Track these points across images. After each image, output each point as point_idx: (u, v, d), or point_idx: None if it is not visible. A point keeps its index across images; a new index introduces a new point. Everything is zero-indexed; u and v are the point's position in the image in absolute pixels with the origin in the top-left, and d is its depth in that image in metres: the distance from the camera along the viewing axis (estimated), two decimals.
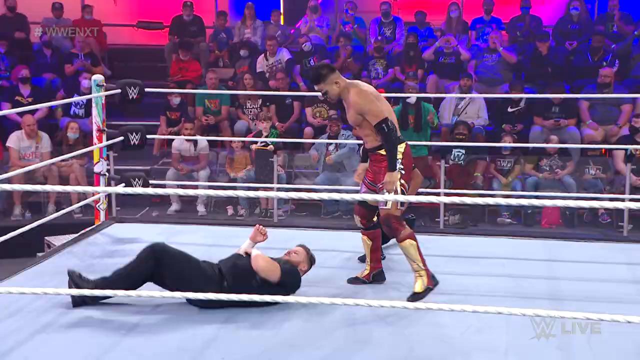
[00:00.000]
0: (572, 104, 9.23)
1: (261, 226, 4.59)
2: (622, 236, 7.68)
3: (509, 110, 9.38)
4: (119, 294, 3.75)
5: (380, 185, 4.52)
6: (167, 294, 3.99)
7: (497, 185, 8.79)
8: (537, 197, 7.71)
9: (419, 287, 4.51)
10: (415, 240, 4.55)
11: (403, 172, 4.49)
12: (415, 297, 4.44)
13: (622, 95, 8.96)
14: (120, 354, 3.89)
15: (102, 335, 4.11)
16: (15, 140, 9.17)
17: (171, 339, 4.01)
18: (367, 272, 4.82)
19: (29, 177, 8.55)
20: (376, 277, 4.81)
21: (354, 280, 4.81)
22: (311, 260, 4.62)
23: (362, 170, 4.83)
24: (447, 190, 7.99)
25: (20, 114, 9.27)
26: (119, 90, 6.18)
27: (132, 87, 6.16)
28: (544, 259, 5.64)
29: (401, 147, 4.49)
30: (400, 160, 4.46)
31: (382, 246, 5.01)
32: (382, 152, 4.50)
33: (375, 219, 4.77)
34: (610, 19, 10.75)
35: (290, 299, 3.79)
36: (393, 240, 4.78)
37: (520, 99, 9.24)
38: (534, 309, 3.22)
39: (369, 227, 4.78)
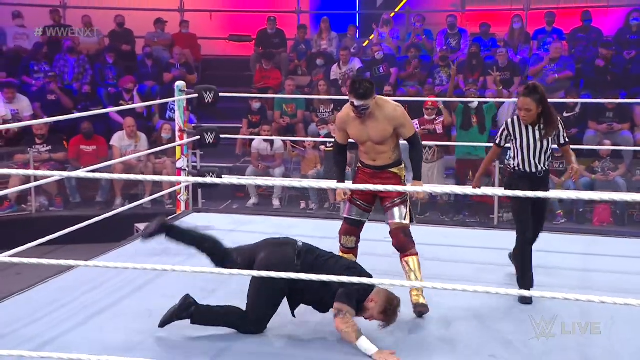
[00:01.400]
0: (626, 109, 8.95)
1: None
2: None
3: (565, 115, 9.16)
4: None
5: (389, 205, 4.25)
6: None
7: (551, 185, 8.58)
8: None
9: (422, 299, 4.20)
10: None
11: None
12: (424, 307, 4.17)
13: None
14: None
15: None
16: (117, 139, 9.56)
17: None
18: None
19: (128, 173, 8.91)
20: None
21: None
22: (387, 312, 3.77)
23: (343, 190, 4.36)
24: (501, 190, 7.87)
25: (123, 116, 9.69)
26: (196, 95, 6.39)
27: (208, 92, 6.35)
28: (586, 253, 5.56)
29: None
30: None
31: None
32: (393, 170, 4.30)
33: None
34: None
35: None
36: None
37: (576, 104, 9.02)
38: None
39: (356, 247, 4.46)
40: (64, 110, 10.03)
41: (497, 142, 4.60)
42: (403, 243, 4.23)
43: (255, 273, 3.44)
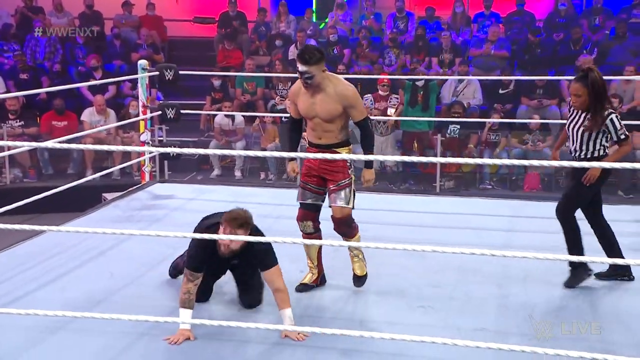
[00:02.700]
0: (555, 86, 9.08)
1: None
2: None
3: (500, 92, 9.27)
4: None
5: (334, 187, 3.85)
6: None
7: (488, 155, 8.72)
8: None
9: (363, 270, 4.01)
10: None
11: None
12: (361, 279, 4.01)
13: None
14: None
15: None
16: (88, 115, 9.40)
17: None
18: (315, 276, 4.06)
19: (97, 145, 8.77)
20: (322, 280, 4.11)
21: (303, 287, 4.03)
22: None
23: (292, 167, 4.12)
24: (443, 159, 7.96)
25: (93, 93, 9.52)
26: (157, 73, 6.31)
27: (168, 70, 6.28)
28: (514, 215, 5.68)
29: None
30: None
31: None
32: (339, 150, 3.85)
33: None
34: (594, 12, 10.51)
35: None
36: None
37: (510, 82, 9.13)
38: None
39: (318, 231, 4.01)
40: (36, 88, 9.82)
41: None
42: (347, 231, 3.91)
43: (198, 235, 3.44)
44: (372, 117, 8.61)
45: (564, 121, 4.26)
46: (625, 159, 7.55)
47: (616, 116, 3.98)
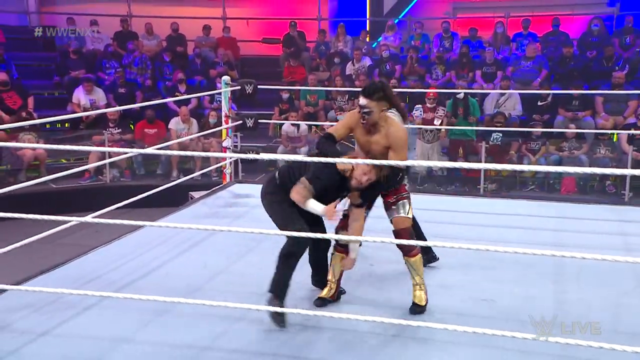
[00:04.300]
0: (589, 99, 8.77)
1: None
2: (624, 201, 7.29)
3: (539, 104, 9.01)
4: None
5: (393, 201, 3.56)
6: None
7: (527, 161, 8.49)
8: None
9: (421, 299, 3.55)
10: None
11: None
12: (419, 308, 3.53)
13: (629, 92, 8.45)
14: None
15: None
16: (174, 123, 9.54)
17: None
18: (333, 291, 3.67)
19: (182, 150, 8.88)
20: (338, 296, 3.70)
21: (321, 302, 3.63)
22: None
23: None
24: (487, 165, 7.78)
25: (178, 105, 9.66)
26: (239, 87, 6.33)
27: (249, 85, 6.29)
28: (557, 216, 5.49)
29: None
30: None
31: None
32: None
33: None
34: (625, 32, 10.11)
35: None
36: None
37: (548, 94, 8.87)
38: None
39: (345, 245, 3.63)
40: (131, 100, 10.04)
41: None
42: (406, 246, 3.48)
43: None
44: (420, 126, 8.62)
45: (598, 131, 4.11)
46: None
47: None
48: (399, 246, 3.52)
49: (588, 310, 3.51)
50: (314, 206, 3.28)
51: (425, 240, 4.04)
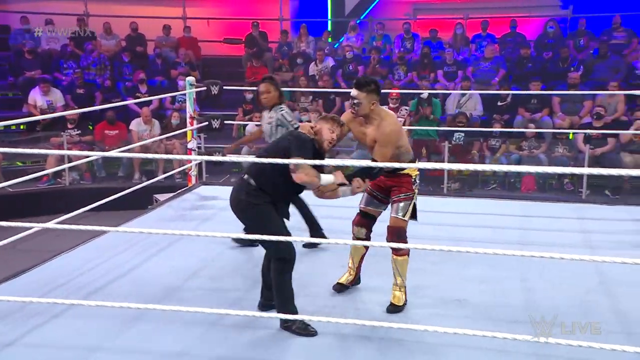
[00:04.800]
0: (546, 99, 9.01)
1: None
2: (581, 199, 7.52)
3: (499, 104, 9.20)
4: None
5: (396, 199, 3.60)
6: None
7: (488, 160, 8.65)
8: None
9: (399, 300, 3.61)
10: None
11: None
12: (395, 308, 3.58)
13: (585, 92, 8.72)
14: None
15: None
16: (136, 125, 9.36)
17: None
18: (352, 277, 3.87)
19: (144, 152, 8.72)
20: (357, 281, 3.91)
21: (340, 287, 3.84)
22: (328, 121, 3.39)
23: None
24: (450, 165, 7.89)
25: (140, 106, 9.49)
26: (204, 88, 6.27)
27: (214, 86, 6.24)
28: (519, 214, 5.62)
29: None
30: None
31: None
32: (404, 171, 3.59)
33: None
34: (578, 35, 10.42)
35: None
36: None
37: (507, 95, 9.06)
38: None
39: (368, 239, 3.76)
40: (90, 101, 9.82)
41: None
42: (394, 245, 3.51)
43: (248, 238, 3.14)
44: None
45: (555, 130, 4.24)
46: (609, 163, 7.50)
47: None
48: (390, 242, 3.56)
49: (556, 308, 3.60)
50: (327, 179, 3.25)
51: (315, 221, 4.52)
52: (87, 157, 6.77)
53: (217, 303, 3.51)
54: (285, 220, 3.37)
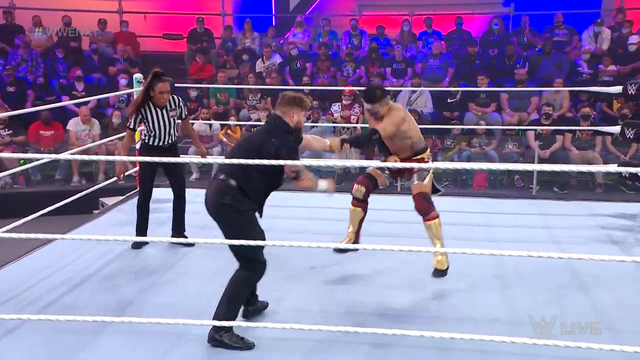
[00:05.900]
0: (495, 96, 9.22)
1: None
2: (532, 195, 7.73)
3: (449, 101, 9.35)
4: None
5: (415, 171, 3.84)
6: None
7: (441, 157, 8.75)
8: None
9: (443, 264, 3.78)
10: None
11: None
12: (440, 273, 3.78)
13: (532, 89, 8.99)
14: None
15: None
16: (73, 124, 8.95)
17: None
18: (352, 241, 4.00)
19: (83, 153, 8.35)
20: (356, 242, 4.05)
21: (340, 250, 3.96)
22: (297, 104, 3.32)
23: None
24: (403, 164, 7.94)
25: (77, 105, 9.07)
26: None
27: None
28: (480, 211, 5.71)
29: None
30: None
31: None
32: (418, 157, 3.92)
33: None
34: (522, 32, 10.74)
35: None
36: None
37: (457, 91, 9.22)
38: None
39: (365, 202, 3.97)
40: (22, 99, 9.32)
41: None
42: (422, 207, 3.77)
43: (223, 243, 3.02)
44: (337, 124, 8.70)
45: (505, 127, 4.33)
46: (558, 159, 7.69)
47: None
48: (418, 210, 3.80)
49: (534, 305, 3.64)
50: (323, 185, 3.39)
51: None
52: (39, 160, 6.30)
53: (185, 313, 3.35)
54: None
